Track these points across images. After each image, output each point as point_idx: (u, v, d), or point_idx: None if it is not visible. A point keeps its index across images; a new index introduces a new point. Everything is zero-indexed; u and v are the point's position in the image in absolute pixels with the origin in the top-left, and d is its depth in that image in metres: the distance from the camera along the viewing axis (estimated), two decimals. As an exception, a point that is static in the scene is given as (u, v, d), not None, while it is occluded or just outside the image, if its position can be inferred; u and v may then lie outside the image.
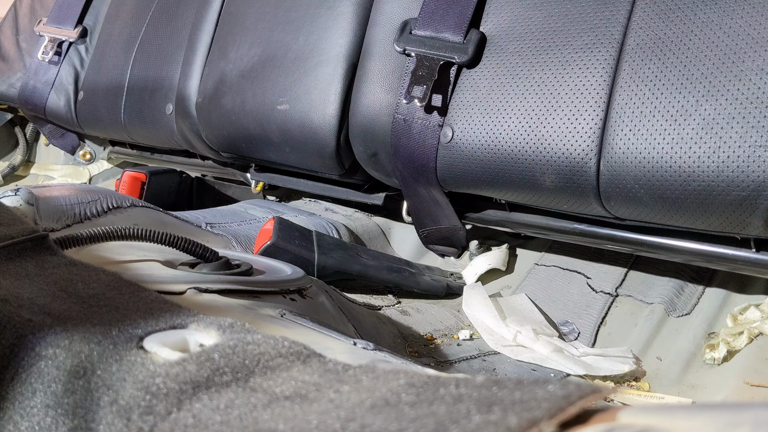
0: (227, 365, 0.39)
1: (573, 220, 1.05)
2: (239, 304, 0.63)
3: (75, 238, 0.67)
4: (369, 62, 1.16)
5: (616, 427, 0.28)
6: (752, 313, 0.96)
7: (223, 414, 0.35)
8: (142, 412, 0.37)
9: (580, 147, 0.91)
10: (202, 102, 1.43)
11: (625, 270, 1.13)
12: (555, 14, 0.99)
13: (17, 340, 0.45)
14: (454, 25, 1.06)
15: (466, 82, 1.05)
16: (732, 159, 0.79)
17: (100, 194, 0.99)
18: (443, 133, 1.05)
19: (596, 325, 1.06)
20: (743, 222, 0.82)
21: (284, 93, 1.26)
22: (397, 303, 1.15)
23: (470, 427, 0.29)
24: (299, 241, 1.10)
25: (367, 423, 0.31)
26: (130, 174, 1.55)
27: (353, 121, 1.18)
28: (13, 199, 0.87)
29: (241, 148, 1.39)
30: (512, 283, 1.21)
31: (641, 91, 0.88)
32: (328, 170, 1.28)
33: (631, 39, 0.91)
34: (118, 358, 0.41)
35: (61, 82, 1.89)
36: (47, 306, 0.49)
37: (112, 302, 0.51)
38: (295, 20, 1.30)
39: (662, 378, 0.94)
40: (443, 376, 0.36)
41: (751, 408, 0.28)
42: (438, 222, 1.20)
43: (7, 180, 2.18)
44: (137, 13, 1.77)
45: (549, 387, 0.31)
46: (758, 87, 0.79)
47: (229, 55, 1.39)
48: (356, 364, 0.40)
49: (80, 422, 0.39)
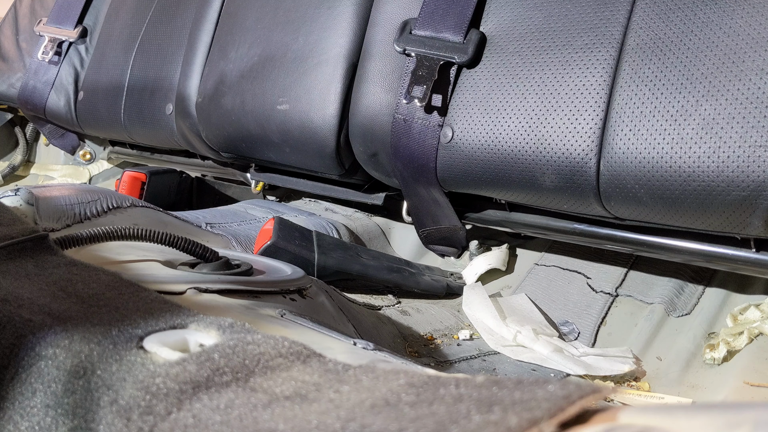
0: (227, 365, 0.39)
1: (573, 220, 1.05)
2: (239, 304, 0.63)
3: (75, 238, 0.67)
4: (369, 62, 1.16)
5: (616, 427, 0.28)
6: (752, 313, 0.96)
7: (223, 414, 0.35)
8: (142, 412, 0.37)
9: (580, 147, 0.91)
10: (202, 102, 1.43)
11: (625, 270, 1.13)
12: (555, 14, 0.99)
13: (17, 340, 0.45)
14: (454, 25, 1.06)
15: (466, 82, 1.05)
16: (732, 159, 0.79)
17: (100, 194, 0.99)
18: (443, 133, 1.05)
19: (596, 325, 1.06)
20: (743, 222, 0.82)
21: (284, 93, 1.26)
22: (397, 303, 1.15)
23: (470, 427, 0.28)
24: (299, 241, 1.10)
25: (367, 423, 0.31)
26: (130, 174, 1.55)
27: (353, 121, 1.18)
28: (13, 199, 0.87)
29: (241, 148, 1.39)
30: (512, 283, 1.21)
31: (641, 91, 0.88)
32: (328, 170, 1.28)
33: (631, 39, 0.91)
34: (118, 358, 0.41)
35: (61, 82, 1.89)
36: (47, 306, 0.49)
37: (112, 302, 0.51)
38: (295, 20, 1.30)
39: (662, 378, 0.94)
40: (443, 376, 0.36)
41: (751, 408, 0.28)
42: (438, 222, 1.20)
43: (7, 180, 2.18)
44: (137, 13, 1.76)
45: (549, 387, 0.31)
46: (758, 87, 0.79)
47: (229, 55, 1.39)
48: (356, 364, 0.40)
49: (80, 422, 0.39)
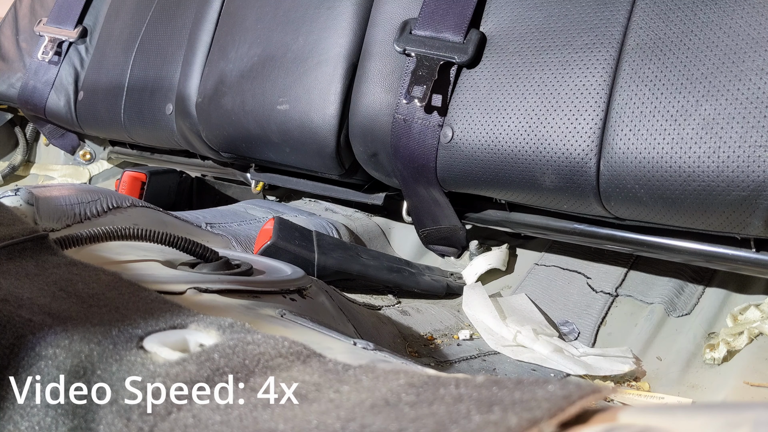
0: (227, 365, 0.39)
1: (573, 220, 1.05)
2: (239, 304, 0.63)
3: (75, 238, 0.67)
4: (369, 62, 1.16)
5: (616, 427, 0.29)
6: (752, 313, 0.96)
7: (223, 414, 0.35)
8: (142, 412, 0.37)
9: (580, 147, 0.91)
10: (202, 102, 1.43)
11: (625, 270, 1.13)
12: (555, 14, 0.99)
13: (17, 340, 0.45)
14: (454, 25, 1.06)
15: (466, 82, 1.05)
16: (732, 159, 0.79)
17: (100, 194, 0.99)
18: (443, 133, 1.05)
19: (596, 325, 1.06)
20: (743, 222, 0.82)
21: (284, 93, 1.26)
22: (397, 303, 1.15)
23: (470, 427, 0.28)
24: (299, 241, 1.10)
25: (367, 423, 0.31)
26: (130, 174, 1.55)
27: (353, 121, 1.18)
28: (13, 199, 0.87)
29: (241, 148, 1.39)
30: (512, 283, 1.21)
31: (641, 91, 0.88)
32: (328, 170, 1.28)
33: (631, 39, 0.91)
34: (118, 358, 0.41)
35: (61, 82, 1.89)
36: (47, 306, 0.49)
37: (112, 302, 0.51)
38: (295, 20, 1.30)
39: (662, 378, 0.94)
40: (443, 376, 0.36)
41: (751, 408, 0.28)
42: (438, 222, 1.20)
43: (7, 180, 2.18)
44: (137, 13, 1.76)
45: (549, 387, 0.31)
46: (758, 87, 0.79)
47: (228, 55, 1.39)
48: (356, 364, 0.40)
49: (80, 422, 0.39)
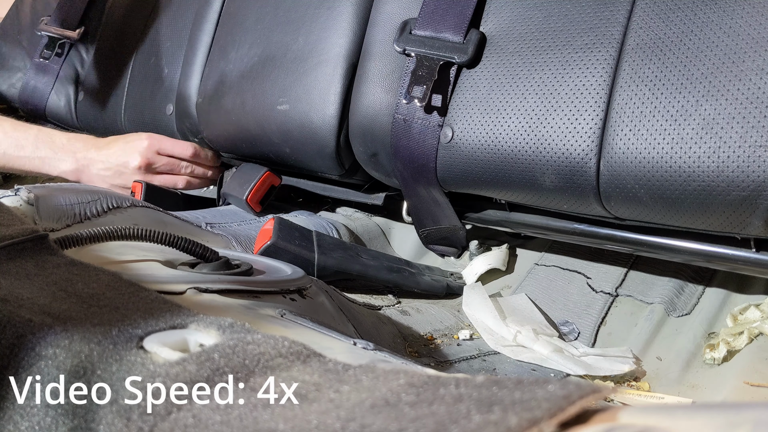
0: (227, 365, 0.39)
1: (573, 220, 1.05)
2: (239, 304, 0.63)
3: (75, 238, 0.67)
4: (369, 62, 1.16)
5: (616, 427, 0.29)
6: (752, 313, 0.96)
7: (223, 414, 0.35)
8: (142, 412, 0.37)
9: (580, 147, 0.91)
10: (202, 102, 1.43)
11: (625, 270, 1.13)
12: (555, 14, 0.99)
13: (17, 340, 0.45)
14: (454, 25, 1.06)
15: (466, 82, 1.05)
16: (732, 159, 0.79)
17: (100, 194, 0.99)
18: (443, 133, 1.05)
19: (596, 325, 1.06)
20: (743, 222, 0.82)
21: (284, 93, 1.26)
22: (397, 303, 1.15)
23: (470, 427, 0.29)
24: (299, 241, 1.10)
25: (367, 423, 0.31)
26: (130, 174, 1.55)
27: (353, 122, 1.18)
28: (13, 199, 0.87)
29: (241, 148, 1.39)
30: (512, 283, 1.21)
31: (641, 91, 0.88)
32: (328, 170, 1.28)
33: (631, 39, 0.91)
34: (118, 358, 0.41)
35: (61, 82, 1.89)
36: (47, 306, 0.49)
37: (112, 302, 0.51)
38: (295, 20, 1.29)
39: (662, 378, 0.94)
40: (443, 376, 0.36)
41: (751, 408, 0.28)
42: (438, 222, 1.20)
43: (7, 180, 2.18)
44: (138, 13, 1.76)
45: (549, 387, 0.31)
46: (758, 87, 0.79)
47: (229, 55, 1.39)
48: (356, 364, 0.40)
49: (80, 422, 0.39)
